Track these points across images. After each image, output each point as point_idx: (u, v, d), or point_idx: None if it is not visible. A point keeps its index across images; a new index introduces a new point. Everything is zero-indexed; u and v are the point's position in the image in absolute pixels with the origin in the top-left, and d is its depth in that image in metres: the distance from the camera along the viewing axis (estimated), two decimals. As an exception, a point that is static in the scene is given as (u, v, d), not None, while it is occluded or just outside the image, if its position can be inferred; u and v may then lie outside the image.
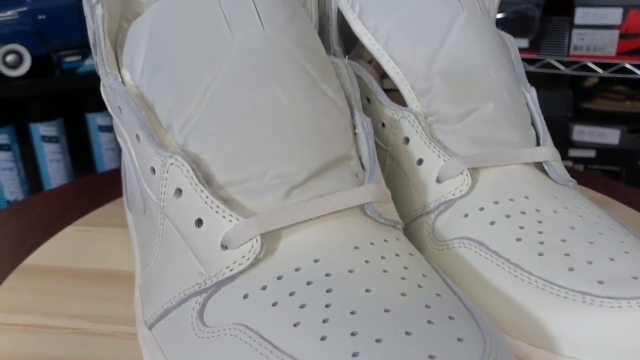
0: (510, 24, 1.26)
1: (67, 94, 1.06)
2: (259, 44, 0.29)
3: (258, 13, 0.30)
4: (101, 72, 0.32)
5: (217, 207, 0.26)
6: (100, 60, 0.32)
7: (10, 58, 0.98)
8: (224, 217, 0.26)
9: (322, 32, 0.39)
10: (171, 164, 0.27)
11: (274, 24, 0.30)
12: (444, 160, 0.32)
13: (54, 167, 1.08)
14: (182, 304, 0.27)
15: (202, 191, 0.26)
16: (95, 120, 1.09)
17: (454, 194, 0.31)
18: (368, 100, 0.36)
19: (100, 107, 1.09)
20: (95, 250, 0.45)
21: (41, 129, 1.06)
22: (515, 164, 0.32)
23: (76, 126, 1.11)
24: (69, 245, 0.46)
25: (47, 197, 0.62)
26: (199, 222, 0.26)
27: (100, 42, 0.31)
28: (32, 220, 0.57)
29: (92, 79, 1.03)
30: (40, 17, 1.00)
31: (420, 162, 0.33)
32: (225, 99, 0.28)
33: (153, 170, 0.28)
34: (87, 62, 1.02)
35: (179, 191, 0.27)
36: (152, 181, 0.29)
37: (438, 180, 0.32)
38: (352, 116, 0.31)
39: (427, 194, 0.32)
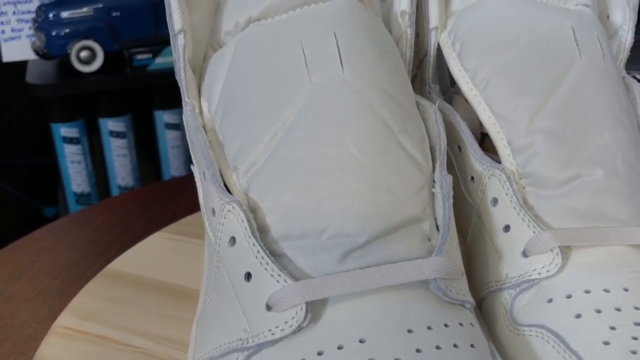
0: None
1: (136, 90, 1.07)
2: (335, 88, 0.27)
3: (340, 53, 0.28)
4: (183, 100, 0.32)
5: (267, 264, 0.25)
6: (181, 88, 0.31)
7: (83, 54, 0.99)
8: (272, 275, 0.24)
9: (420, 66, 0.36)
10: (228, 210, 0.26)
11: (355, 66, 0.27)
12: (534, 232, 0.28)
13: (120, 162, 1.10)
14: (225, 356, 0.26)
15: (254, 244, 0.25)
16: (162, 117, 1.10)
17: (539, 273, 0.28)
18: (459, 148, 0.33)
19: (168, 104, 1.09)
20: (177, 262, 0.45)
21: (110, 124, 1.07)
22: (621, 245, 0.28)
23: (144, 122, 1.12)
24: (154, 254, 0.47)
25: (109, 206, 0.62)
26: (248, 276, 0.25)
27: (180, 72, 0.30)
28: (94, 231, 0.57)
29: (162, 77, 1.03)
30: (114, 13, 1.01)
31: (507, 228, 0.29)
32: (292, 146, 0.26)
33: (213, 211, 0.27)
34: (158, 59, 1.02)
35: (233, 240, 0.26)
36: (212, 222, 0.28)
37: (524, 254, 0.28)
38: (434, 170, 0.29)
39: (511, 267, 0.29)
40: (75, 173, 1.08)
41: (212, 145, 0.29)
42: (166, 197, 0.64)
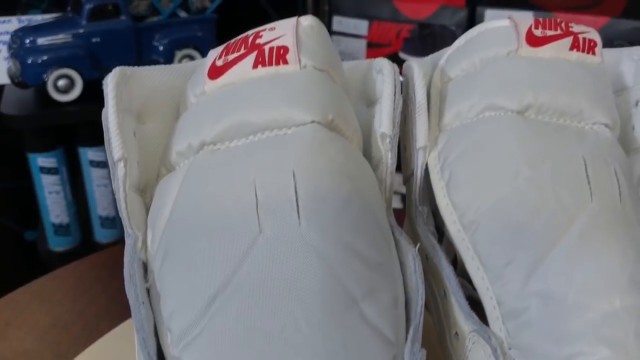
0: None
1: (118, 118, 1.02)
2: (288, 245, 0.22)
3: (297, 199, 0.23)
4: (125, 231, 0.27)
5: None
6: (123, 220, 0.27)
7: (61, 82, 0.94)
8: None
9: (407, 184, 0.31)
10: None
11: (314, 216, 0.23)
12: None
13: (101, 192, 1.05)
14: None
15: None
16: (145, 146, 1.05)
17: None
18: (445, 293, 0.28)
19: (152, 132, 1.05)
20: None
21: (90, 154, 1.02)
22: None
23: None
24: (122, 353, 0.41)
25: (76, 271, 0.57)
26: None
27: (120, 203, 0.26)
28: (55, 306, 0.53)
29: (144, 106, 0.98)
30: (94, 40, 0.95)
31: None
32: (231, 316, 0.22)
33: None
34: (140, 88, 0.97)
35: None
36: None
37: None
38: (406, 339, 0.24)
39: None
40: (53, 204, 1.03)
41: (151, 291, 0.25)
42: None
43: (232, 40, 0.28)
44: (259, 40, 0.27)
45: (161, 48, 0.99)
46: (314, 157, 0.24)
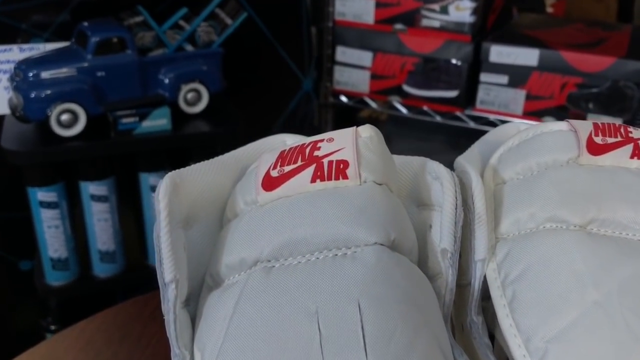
0: (604, 101, 1.14)
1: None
2: None
3: (364, 337, 0.22)
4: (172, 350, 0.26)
5: None
6: (170, 339, 0.26)
7: (64, 117, 0.92)
8: None
9: (461, 294, 0.30)
10: None
11: (383, 354, 0.22)
12: None
13: (101, 226, 1.03)
14: None
15: None
16: (147, 180, 1.03)
17: None
18: None
19: (155, 167, 1.03)
20: None
21: (91, 188, 1.00)
22: None
23: (128, 184, 1.05)
24: None
25: (82, 336, 0.55)
26: None
27: (170, 324, 0.25)
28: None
29: (149, 142, 0.97)
30: (99, 74, 0.94)
31: None
32: None
33: None
34: (145, 123, 0.95)
35: None
36: None
37: None
38: None
39: None
40: (52, 238, 1.01)
41: None
42: (149, 319, 0.58)
43: (287, 149, 0.26)
44: (317, 153, 0.25)
45: (167, 82, 0.97)
46: (379, 285, 0.23)
